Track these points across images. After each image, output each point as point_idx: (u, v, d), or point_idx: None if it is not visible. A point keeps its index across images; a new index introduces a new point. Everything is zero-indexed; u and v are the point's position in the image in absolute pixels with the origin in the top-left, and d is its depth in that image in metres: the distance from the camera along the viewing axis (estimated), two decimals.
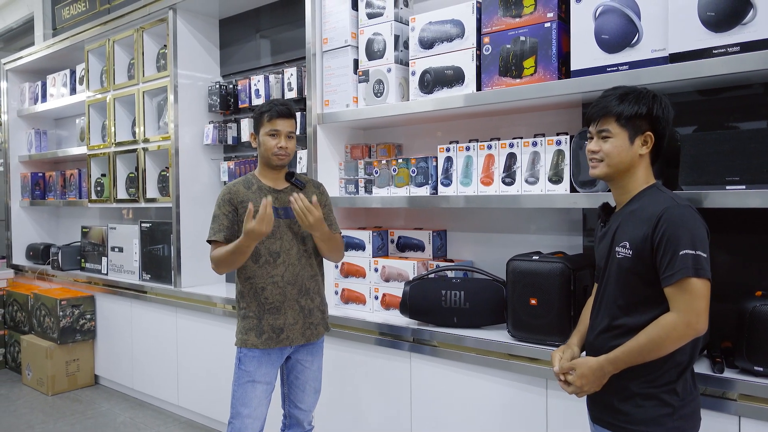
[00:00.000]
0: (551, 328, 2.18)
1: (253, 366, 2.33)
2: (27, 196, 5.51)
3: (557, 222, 2.62)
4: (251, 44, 3.92)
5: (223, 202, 2.34)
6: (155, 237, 4.08)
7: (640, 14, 2.02)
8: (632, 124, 1.65)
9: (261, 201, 2.24)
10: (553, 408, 2.19)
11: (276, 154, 2.31)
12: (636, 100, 1.65)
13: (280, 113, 2.31)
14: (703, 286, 1.51)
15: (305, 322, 2.38)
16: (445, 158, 2.62)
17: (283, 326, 2.33)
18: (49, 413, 4.04)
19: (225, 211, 2.33)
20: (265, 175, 2.40)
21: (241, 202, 2.32)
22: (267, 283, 2.32)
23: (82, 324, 4.50)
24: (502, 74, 2.38)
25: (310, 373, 2.45)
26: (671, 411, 1.58)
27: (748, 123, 2.08)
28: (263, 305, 2.32)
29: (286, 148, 2.32)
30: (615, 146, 1.66)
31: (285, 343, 2.33)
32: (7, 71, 5.60)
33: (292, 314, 2.34)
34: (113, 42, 4.35)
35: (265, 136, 2.32)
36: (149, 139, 4.08)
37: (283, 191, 2.39)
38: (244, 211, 2.27)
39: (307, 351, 2.43)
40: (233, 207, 2.33)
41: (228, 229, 2.32)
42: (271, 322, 2.32)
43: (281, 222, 2.34)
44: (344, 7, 2.94)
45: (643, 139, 1.66)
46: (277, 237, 2.32)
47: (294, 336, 2.35)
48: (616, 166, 1.67)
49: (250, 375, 2.33)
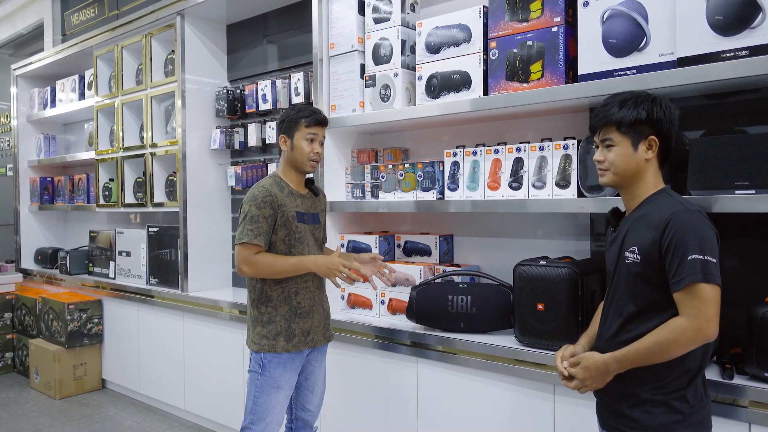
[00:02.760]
0: (558, 334, 2.16)
1: (279, 372, 2.33)
2: (36, 201, 5.54)
3: (565, 227, 2.61)
4: (258, 49, 3.93)
5: (264, 205, 2.26)
6: (162, 241, 4.09)
7: (647, 18, 2.01)
8: (633, 130, 1.65)
9: (292, 205, 2.32)
10: (560, 414, 2.18)
11: (311, 160, 2.36)
12: (635, 105, 1.65)
13: (318, 120, 2.36)
14: (713, 292, 1.49)
15: (325, 324, 2.47)
16: (451, 163, 2.61)
17: (310, 329, 2.38)
18: (56, 417, 4.06)
19: (266, 214, 2.26)
20: (290, 178, 2.42)
21: (281, 206, 2.31)
22: (300, 288, 2.35)
23: (90, 328, 4.52)
24: (508, 79, 2.37)
25: (319, 372, 2.49)
26: (681, 418, 1.56)
27: (757, 127, 2.06)
28: (295, 310, 2.34)
29: (319, 154, 2.38)
30: (619, 154, 1.67)
31: (311, 345, 2.39)
32: (17, 77, 5.65)
33: (318, 317, 2.42)
34: (122, 48, 4.38)
35: (301, 140, 2.35)
36: (157, 143, 4.10)
37: (306, 196, 2.44)
38: (282, 215, 2.30)
39: (319, 351, 2.49)
40: (274, 210, 2.29)
41: (267, 234, 2.28)
42: (301, 325, 2.35)
43: (306, 228, 2.38)
44: (351, 12, 2.95)
45: (648, 143, 1.65)
46: (305, 243, 2.36)
47: (317, 338, 2.42)
48: (623, 173, 1.67)
49: (276, 381, 2.32)
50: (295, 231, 2.32)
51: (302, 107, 2.40)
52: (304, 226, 2.36)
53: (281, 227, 2.31)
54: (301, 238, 2.34)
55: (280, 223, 2.30)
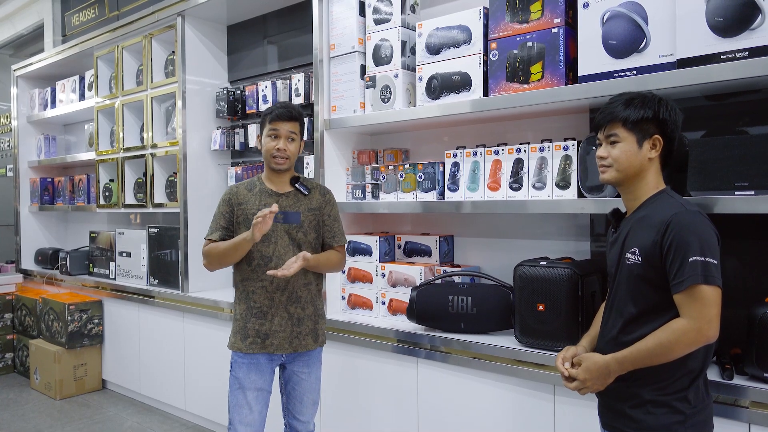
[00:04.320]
0: (559, 334, 2.17)
1: (242, 372, 2.32)
2: (36, 201, 5.55)
3: (565, 227, 2.61)
4: (259, 50, 3.94)
5: (223, 202, 2.38)
6: (163, 242, 4.09)
7: (647, 19, 2.02)
8: (639, 127, 1.65)
9: (259, 204, 2.28)
10: (561, 414, 2.18)
11: (274, 156, 2.30)
12: (642, 104, 1.65)
13: (279, 115, 2.30)
14: (714, 293, 1.49)
15: (293, 331, 2.34)
16: (452, 164, 2.62)
17: (268, 332, 2.31)
18: (56, 417, 4.06)
19: (222, 210, 2.36)
20: (269, 178, 2.40)
21: (240, 203, 2.34)
22: (257, 287, 2.32)
23: (90, 329, 4.52)
24: (509, 80, 2.38)
25: (307, 384, 2.41)
26: (683, 419, 1.56)
27: (757, 128, 2.07)
28: (251, 309, 2.32)
29: (285, 150, 2.30)
30: (623, 151, 1.66)
31: (269, 350, 2.30)
32: (18, 77, 5.65)
33: (279, 321, 2.31)
34: (122, 48, 4.39)
35: (265, 137, 2.34)
36: (157, 144, 4.11)
37: (285, 195, 2.37)
38: (242, 213, 2.31)
39: (303, 362, 2.40)
40: (231, 207, 2.35)
41: (224, 228, 2.34)
42: (256, 326, 2.31)
43: (279, 227, 2.31)
44: (351, 13, 2.95)
45: (652, 142, 1.66)
46: (272, 242, 2.30)
47: (280, 344, 2.31)
48: (625, 170, 1.67)
49: (239, 381, 2.32)
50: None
51: (273, 105, 2.37)
52: (276, 225, 2.27)
53: (241, 225, 2.32)
54: (266, 237, 2.27)
55: (240, 220, 2.32)
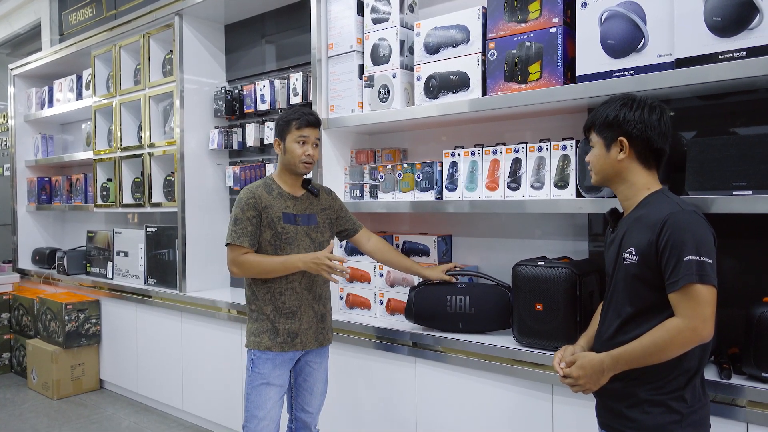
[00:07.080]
0: (557, 334, 2.17)
1: (267, 368, 2.33)
2: (33, 201, 5.53)
3: (563, 227, 2.61)
4: (257, 50, 3.93)
5: (248, 207, 2.32)
6: (160, 242, 4.09)
7: (645, 19, 2.02)
8: (605, 131, 1.69)
9: (283, 208, 2.33)
10: (559, 414, 2.18)
11: (303, 162, 2.35)
12: (606, 107, 1.70)
13: (309, 122, 2.34)
14: (708, 293, 1.50)
15: (318, 327, 2.42)
16: (450, 163, 2.62)
17: (297, 331, 2.36)
18: (54, 417, 4.05)
19: (249, 215, 2.31)
20: (284, 180, 2.42)
21: (265, 207, 2.33)
22: (285, 289, 2.34)
23: (88, 328, 4.51)
24: (507, 79, 2.38)
25: (318, 375, 2.48)
26: (679, 418, 1.57)
27: (755, 128, 2.07)
28: (279, 309, 2.34)
29: (312, 156, 2.36)
30: (594, 155, 1.74)
31: (299, 347, 2.37)
32: (15, 77, 5.64)
33: (307, 319, 2.38)
34: (119, 48, 4.38)
35: (292, 143, 2.35)
36: (155, 144, 4.10)
37: (301, 198, 2.42)
38: (267, 216, 2.32)
39: (317, 353, 2.46)
40: (257, 212, 2.32)
41: (252, 235, 2.31)
42: (287, 326, 2.34)
43: (299, 229, 2.36)
44: (350, 13, 2.95)
45: (619, 144, 1.67)
46: (295, 244, 2.35)
47: (308, 340, 2.38)
48: (601, 174, 1.73)
49: (264, 377, 2.33)
50: (281, 232, 2.32)
51: (295, 109, 2.39)
52: (295, 228, 2.35)
53: (267, 228, 2.32)
54: (289, 240, 2.33)
55: (266, 224, 2.32)
